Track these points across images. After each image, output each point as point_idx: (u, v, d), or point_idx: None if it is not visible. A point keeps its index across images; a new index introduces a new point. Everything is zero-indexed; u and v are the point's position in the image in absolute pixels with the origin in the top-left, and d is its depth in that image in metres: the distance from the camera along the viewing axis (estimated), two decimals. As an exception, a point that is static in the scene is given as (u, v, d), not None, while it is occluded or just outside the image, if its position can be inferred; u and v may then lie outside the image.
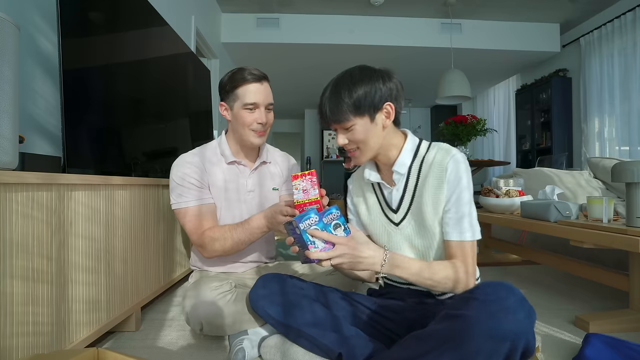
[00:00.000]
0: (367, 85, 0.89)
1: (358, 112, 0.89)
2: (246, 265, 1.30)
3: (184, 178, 1.16)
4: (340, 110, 0.89)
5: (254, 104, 1.15)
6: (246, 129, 1.17)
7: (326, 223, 0.86)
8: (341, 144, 0.94)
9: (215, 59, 4.12)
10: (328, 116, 0.91)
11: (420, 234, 0.97)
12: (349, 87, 0.89)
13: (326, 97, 0.91)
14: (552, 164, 3.88)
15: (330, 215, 0.87)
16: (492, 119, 6.32)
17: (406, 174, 0.98)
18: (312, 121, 8.30)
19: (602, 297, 1.62)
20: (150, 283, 1.39)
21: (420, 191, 0.96)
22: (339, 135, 0.94)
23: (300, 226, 0.83)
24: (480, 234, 0.93)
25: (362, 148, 0.94)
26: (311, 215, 0.85)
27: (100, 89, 1.34)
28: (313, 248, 0.84)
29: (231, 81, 1.17)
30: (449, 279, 0.89)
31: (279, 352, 0.97)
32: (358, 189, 1.12)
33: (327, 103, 0.91)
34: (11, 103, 0.77)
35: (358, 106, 0.88)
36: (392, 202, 1.01)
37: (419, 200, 0.96)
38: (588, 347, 0.99)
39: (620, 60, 3.99)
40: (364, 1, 4.05)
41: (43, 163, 1.01)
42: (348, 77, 0.91)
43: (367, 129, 0.91)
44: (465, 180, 0.92)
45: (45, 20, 1.36)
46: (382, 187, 1.04)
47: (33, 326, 0.81)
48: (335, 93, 0.90)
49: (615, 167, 1.20)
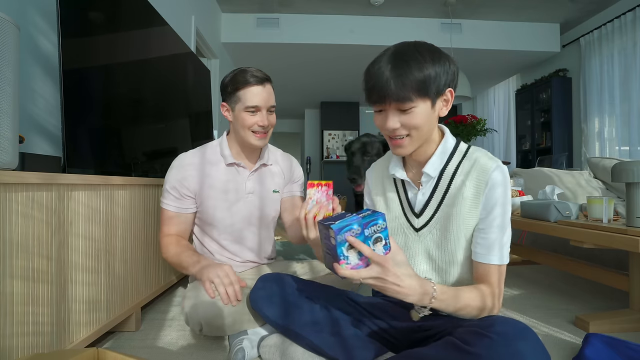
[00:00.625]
0: (437, 65, 0.77)
1: (423, 93, 0.76)
2: (246, 265, 1.30)
3: (173, 183, 1.18)
4: (406, 86, 0.74)
5: (256, 107, 1.15)
6: (247, 130, 1.17)
7: (367, 236, 0.71)
8: (392, 128, 0.79)
9: (215, 59, 4.12)
10: (391, 90, 0.75)
11: (442, 246, 0.87)
12: (420, 63, 0.75)
13: (387, 68, 0.75)
14: (552, 164, 3.89)
15: (375, 226, 0.71)
16: (492, 119, 6.32)
17: (437, 177, 0.88)
18: (312, 121, 8.30)
19: (602, 297, 1.62)
20: (150, 283, 1.39)
21: (451, 200, 0.86)
22: (390, 118, 0.79)
23: (338, 238, 0.69)
24: (509, 257, 0.84)
25: (413, 136, 0.81)
26: (354, 226, 0.70)
27: (100, 89, 1.34)
28: (344, 264, 0.71)
29: (233, 83, 1.16)
30: (475, 309, 0.80)
31: (278, 351, 0.97)
32: (378, 182, 1.01)
33: (389, 75, 0.75)
34: (11, 103, 0.77)
35: (425, 87, 0.76)
36: (415, 204, 0.91)
37: (447, 210, 0.86)
38: (588, 347, 0.99)
39: (620, 60, 4.00)
40: (364, 1, 4.05)
41: (43, 163, 1.01)
42: (414, 51, 0.77)
43: (427, 114, 0.79)
44: (508, 198, 0.82)
45: (45, 20, 1.36)
46: (406, 185, 0.94)
47: (33, 326, 0.81)
48: (402, 66, 0.75)
49: (615, 167, 1.20)
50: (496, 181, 0.82)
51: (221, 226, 1.22)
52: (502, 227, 0.82)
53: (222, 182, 1.21)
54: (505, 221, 0.83)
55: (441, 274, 0.90)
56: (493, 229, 0.82)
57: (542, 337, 1.20)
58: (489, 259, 0.82)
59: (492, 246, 0.82)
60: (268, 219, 1.30)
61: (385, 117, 0.80)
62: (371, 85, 0.78)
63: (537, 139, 4.99)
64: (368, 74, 0.79)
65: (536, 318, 1.38)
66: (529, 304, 1.53)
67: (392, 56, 0.77)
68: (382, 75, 0.75)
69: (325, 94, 6.95)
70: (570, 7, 4.14)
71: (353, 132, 7.58)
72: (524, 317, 1.39)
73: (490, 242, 0.82)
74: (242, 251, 1.28)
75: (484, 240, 0.82)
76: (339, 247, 0.70)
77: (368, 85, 0.79)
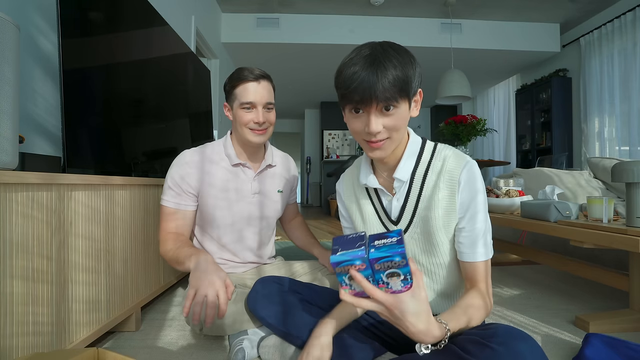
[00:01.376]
0: (413, 65, 0.75)
1: (405, 94, 0.74)
2: (246, 266, 1.30)
3: (175, 179, 1.18)
4: (392, 87, 0.72)
5: (250, 103, 1.15)
6: (244, 127, 1.18)
7: (378, 269, 0.62)
8: (376, 130, 0.75)
9: (215, 59, 4.12)
10: (377, 91, 0.71)
11: (427, 250, 0.86)
12: (400, 63, 0.73)
13: (369, 69, 0.72)
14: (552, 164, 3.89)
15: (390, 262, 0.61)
16: (492, 119, 6.33)
17: (408, 181, 0.86)
18: (312, 121, 8.31)
19: (602, 297, 1.62)
20: (150, 283, 1.39)
21: (427, 202, 0.84)
22: (373, 120, 0.75)
23: (336, 270, 0.63)
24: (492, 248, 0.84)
25: (393, 137, 0.79)
26: (356, 262, 0.62)
27: (100, 88, 1.34)
28: (347, 289, 0.65)
29: (230, 81, 1.18)
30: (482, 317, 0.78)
31: (277, 351, 0.97)
32: (350, 193, 0.98)
33: (373, 76, 0.71)
34: (11, 103, 0.77)
35: (407, 86, 0.74)
36: (391, 211, 0.89)
37: (424, 213, 0.85)
38: (588, 347, 0.99)
39: (620, 60, 4.00)
40: (364, 1, 4.06)
41: (43, 163, 1.01)
42: (391, 50, 0.75)
43: (406, 114, 0.77)
44: (482, 194, 0.81)
45: (45, 20, 1.36)
46: (379, 193, 0.91)
47: (33, 326, 0.81)
48: (386, 67, 0.72)
49: (615, 167, 1.20)
50: (466, 180, 0.81)
51: (221, 225, 1.22)
52: (483, 222, 0.82)
53: (222, 181, 1.22)
54: (484, 216, 0.82)
55: (431, 276, 0.89)
56: (474, 226, 0.81)
57: (542, 337, 1.20)
58: (475, 257, 0.81)
59: (475, 244, 0.81)
60: (271, 220, 1.31)
61: (366, 119, 0.76)
62: (353, 86, 0.73)
63: (537, 139, 5.00)
64: (345, 75, 0.75)
65: (536, 318, 1.38)
66: (529, 304, 1.53)
67: (371, 57, 0.73)
68: (365, 77, 0.72)
69: (325, 94, 6.96)
70: (570, 7, 4.15)
71: (353, 132, 7.57)
72: (524, 317, 1.39)
73: (472, 239, 0.81)
74: (242, 251, 1.28)
75: (467, 239, 0.82)
76: (339, 276, 0.64)
77: (348, 87, 0.74)
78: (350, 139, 7.60)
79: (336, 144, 7.62)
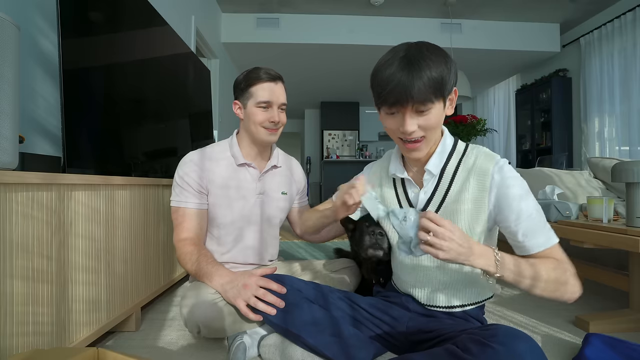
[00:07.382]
0: (448, 65, 0.77)
1: (439, 94, 0.76)
2: (246, 267, 1.30)
3: (184, 178, 1.18)
4: (427, 88, 0.74)
5: (267, 103, 1.17)
6: (258, 126, 1.18)
7: None
8: (411, 130, 0.78)
9: (215, 59, 4.12)
10: (412, 92, 0.73)
11: None
12: (434, 64, 0.75)
13: (404, 71, 0.74)
14: (552, 164, 3.89)
15: None
16: (492, 119, 6.32)
17: (438, 175, 0.89)
18: (312, 121, 8.30)
19: (602, 297, 1.62)
20: (150, 283, 1.39)
21: (454, 198, 0.86)
22: (408, 120, 0.77)
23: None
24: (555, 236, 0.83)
25: (428, 137, 0.81)
26: None
27: (100, 88, 1.34)
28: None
29: (246, 79, 1.19)
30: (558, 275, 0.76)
31: (277, 350, 0.97)
32: (376, 178, 1.01)
33: (409, 77, 0.73)
34: (11, 103, 0.77)
35: (442, 87, 0.76)
36: (417, 203, 0.91)
37: (452, 207, 0.86)
38: (588, 347, 0.99)
39: (620, 60, 4.00)
40: (364, 1, 4.06)
41: (43, 163, 1.01)
42: (425, 52, 0.76)
43: (440, 114, 0.79)
44: (518, 188, 0.81)
45: (45, 20, 1.36)
46: (407, 184, 0.94)
47: (33, 326, 0.81)
48: (420, 68, 0.74)
49: (615, 167, 1.20)
50: (502, 183, 0.81)
51: (221, 224, 1.22)
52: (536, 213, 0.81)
53: (222, 179, 1.22)
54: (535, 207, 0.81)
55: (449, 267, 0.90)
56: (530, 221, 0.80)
57: (542, 337, 1.20)
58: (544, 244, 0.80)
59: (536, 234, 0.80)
60: (274, 220, 1.31)
61: (401, 119, 0.78)
62: (388, 88, 0.75)
63: (537, 139, 4.99)
64: (380, 77, 0.78)
65: (536, 318, 1.38)
66: (529, 304, 1.53)
67: (405, 59, 0.76)
68: (401, 78, 0.74)
69: (325, 94, 6.95)
70: (570, 7, 4.14)
71: (353, 132, 7.58)
72: (524, 317, 1.39)
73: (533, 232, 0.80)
74: (243, 251, 1.27)
75: (527, 238, 0.80)
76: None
77: (384, 89, 0.77)
78: (350, 139, 7.60)
79: (336, 144, 7.62)
